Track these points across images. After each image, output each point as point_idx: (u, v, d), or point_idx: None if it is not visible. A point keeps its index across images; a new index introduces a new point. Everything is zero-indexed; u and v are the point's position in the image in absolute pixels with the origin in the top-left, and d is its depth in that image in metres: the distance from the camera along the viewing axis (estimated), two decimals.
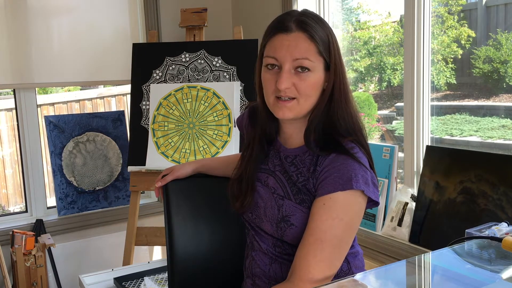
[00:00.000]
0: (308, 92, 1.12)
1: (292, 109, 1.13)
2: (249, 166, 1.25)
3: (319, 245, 1.07)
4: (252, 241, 1.29)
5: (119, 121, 2.84)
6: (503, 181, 1.65)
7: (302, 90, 1.11)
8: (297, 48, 1.10)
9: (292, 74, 1.11)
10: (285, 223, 1.16)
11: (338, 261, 1.11)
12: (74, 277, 2.56)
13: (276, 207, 1.18)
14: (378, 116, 2.53)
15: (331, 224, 1.08)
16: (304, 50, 1.10)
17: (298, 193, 1.16)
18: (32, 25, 2.55)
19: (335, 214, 1.08)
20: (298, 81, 1.11)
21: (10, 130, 3.37)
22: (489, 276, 1.04)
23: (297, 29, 1.10)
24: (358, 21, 2.58)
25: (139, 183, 2.42)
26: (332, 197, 1.09)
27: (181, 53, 2.48)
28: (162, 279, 2.10)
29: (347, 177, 1.09)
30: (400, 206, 2.00)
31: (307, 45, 1.10)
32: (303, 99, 1.13)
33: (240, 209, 1.26)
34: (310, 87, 1.12)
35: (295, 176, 1.18)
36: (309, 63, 1.10)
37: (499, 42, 1.95)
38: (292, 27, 1.10)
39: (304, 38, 1.10)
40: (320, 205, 1.10)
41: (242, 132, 1.41)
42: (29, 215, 2.68)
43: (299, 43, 1.10)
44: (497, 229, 1.12)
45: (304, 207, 1.14)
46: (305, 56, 1.10)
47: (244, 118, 1.39)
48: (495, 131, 2.02)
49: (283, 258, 1.21)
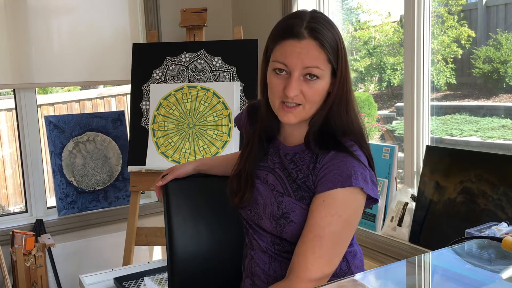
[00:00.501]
0: (314, 99, 1.12)
1: (297, 115, 1.13)
2: (248, 162, 1.25)
3: (317, 241, 1.08)
4: (251, 240, 1.29)
5: (119, 121, 2.84)
6: (503, 181, 1.65)
7: (310, 97, 1.11)
8: (308, 56, 1.08)
9: (301, 81, 1.10)
10: (284, 219, 1.16)
11: (337, 258, 1.11)
12: (74, 277, 2.56)
13: (276, 204, 1.18)
14: (378, 116, 2.53)
15: (330, 221, 1.08)
16: (315, 58, 1.09)
17: (298, 190, 1.16)
18: (32, 25, 2.55)
19: (334, 210, 1.09)
20: (307, 88, 1.11)
21: (10, 130, 3.37)
22: (489, 276, 1.04)
23: (309, 36, 1.08)
24: (358, 21, 2.58)
25: (139, 183, 2.42)
26: (332, 193, 1.09)
27: (181, 53, 2.48)
28: (162, 279, 2.10)
29: (347, 174, 1.09)
30: (400, 206, 2.00)
31: (318, 53, 1.09)
32: (309, 106, 1.13)
33: (239, 204, 1.26)
34: (317, 94, 1.12)
35: (295, 173, 1.18)
36: (318, 71, 1.10)
37: (499, 42, 1.95)
38: (304, 34, 1.08)
39: (315, 46, 1.09)
40: (319, 202, 1.10)
41: (241, 130, 1.42)
42: (29, 215, 2.68)
43: (310, 51, 1.08)
44: (497, 229, 1.13)
45: (304, 203, 1.15)
46: (315, 64, 1.09)
47: (243, 116, 1.39)
48: (495, 131, 2.02)
49: (282, 256, 1.21)
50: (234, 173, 1.29)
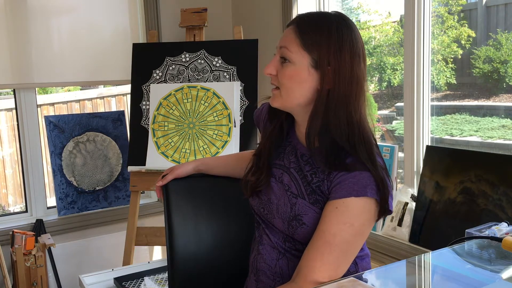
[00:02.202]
0: (285, 83, 1.14)
1: (276, 98, 1.17)
2: (268, 141, 1.26)
3: (327, 247, 1.07)
4: (261, 234, 1.28)
5: (119, 121, 2.84)
6: (503, 181, 1.65)
7: (280, 79, 1.15)
8: (285, 38, 1.15)
9: (279, 63, 1.15)
10: (297, 221, 1.16)
11: (344, 266, 1.11)
12: (74, 277, 2.56)
13: (289, 205, 1.18)
14: (378, 116, 2.53)
15: (341, 229, 1.08)
16: (288, 41, 1.13)
17: (312, 194, 1.15)
18: (32, 25, 2.55)
19: (347, 219, 1.08)
20: (280, 70, 1.15)
21: (10, 130, 3.37)
22: (489, 276, 1.04)
23: (293, 23, 1.16)
24: (358, 21, 2.58)
25: (139, 183, 2.42)
26: (345, 202, 1.08)
27: (181, 53, 2.48)
28: (162, 279, 2.10)
29: (363, 184, 1.08)
30: (400, 206, 2.00)
31: (293, 37, 1.13)
32: (284, 91, 1.15)
33: (254, 184, 1.25)
34: (288, 78, 1.14)
35: (310, 176, 1.17)
36: (289, 54, 1.13)
37: (499, 42, 1.95)
38: (294, 21, 1.16)
39: (295, 31, 1.14)
40: (332, 209, 1.09)
41: (258, 126, 1.40)
42: (29, 215, 2.68)
43: (289, 34, 1.14)
44: (497, 229, 1.13)
45: (317, 207, 1.14)
46: (286, 45, 1.13)
47: (263, 113, 1.37)
48: (495, 131, 2.02)
49: (292, 253, 1.21)
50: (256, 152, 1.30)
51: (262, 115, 1.37)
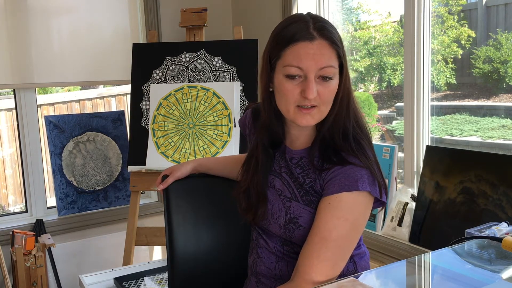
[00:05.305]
0: (329, 99, 1.12)
1: (315, 116, 1.12)
2: (256, 177, 1.22)
3: (323, 244, 1.08)
4: (257, 238, 1.28)
5: (119, 121, 2.84)
6: (503, 181, 1.65)
7: (325, 97, 1.11)
8: (322, 57, 1.08)
9: (316, 83, 1.10)
10: (293, 224, 1.16)
11: (342, 261, 1.11)
12: (74, 277, 2.56)
13: (284, 209, 1.18)
14: (378, 116, 2.53)
15: (336, 224, 1.08)
16: (328, 58, 1.09)
17: (306, 195, 1.16)
18: (32, 25, 2.55)
19: (341, 213, 1.08)
20: (322, 89, 1.10)
21: (10, 130, 3.37)
22: (489, 276, 1.04)
23: (319, 37, 1.08)
24: (358, 21, 2.58)
25: (139, 183, 2.42)
26: (338, 197, 1.09)
27: (181, 53, 2.48)
28: (162, 279, 2.10)
29: (354, 178, 1.09)
30: (400, 206, 2.00)
31: (330, 52, 1.09)
32: (324, 106, 1.12)
33: (253, 221, 1.25)
34: (331, 94, 1.12)
35: (302, 178, 1.17)
36: (332, 71, 1.10)
37: (499, 42, 1.95)
38: (314, 34, 1.08)
39: (327, 45, 1.09)
40: (325, 205, 1.10)
41: (245, 133, 1.41)
42: (29, 215, 2.68)
43: (323, 50, 1.08)
44: (497, 229, 1.13)
45: (312, 208, 1.14)
46: (329, 64, 1.09)
47: (247, 119, 1.38)
48: (495, 131, 2.02)
49: (291, 256, 1.21)
50: (241, 189, 1.26)
51: (246, 120, 1.38)
